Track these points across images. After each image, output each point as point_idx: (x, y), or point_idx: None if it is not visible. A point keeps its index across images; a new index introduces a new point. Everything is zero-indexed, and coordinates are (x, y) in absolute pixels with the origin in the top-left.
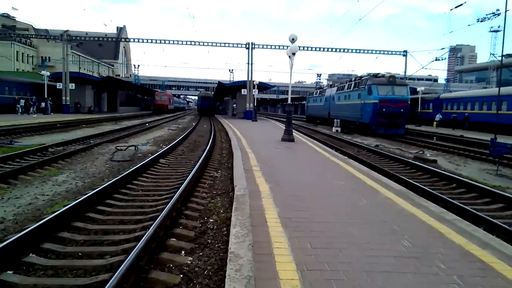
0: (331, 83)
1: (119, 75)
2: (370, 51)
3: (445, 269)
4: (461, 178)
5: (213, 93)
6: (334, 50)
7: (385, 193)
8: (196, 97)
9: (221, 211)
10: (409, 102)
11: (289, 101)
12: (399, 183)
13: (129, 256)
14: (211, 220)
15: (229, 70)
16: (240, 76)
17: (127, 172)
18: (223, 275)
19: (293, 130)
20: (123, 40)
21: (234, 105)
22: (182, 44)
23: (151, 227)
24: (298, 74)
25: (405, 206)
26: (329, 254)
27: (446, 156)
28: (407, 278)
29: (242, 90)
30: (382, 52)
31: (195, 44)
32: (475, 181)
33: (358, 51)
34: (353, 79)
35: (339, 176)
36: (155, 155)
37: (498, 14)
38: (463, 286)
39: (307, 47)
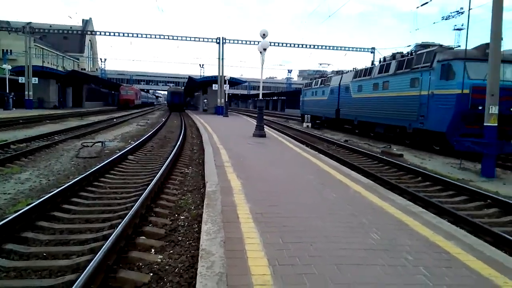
0: (336, 70)
1: (85, 69)
2: (339, 48)
3: (412, 260)
4: (426, 172)
5: (183, 88)
6: (304, 46)
7: (354, 187)
8: (166, 92)
9: (192, 208)
10: None
11: (260, 97)
12: (367, 177)
13: (97, 256)
14: (182, 217)
15: (200, 65)
16: (211, 71)
17: (94, 169)
18: (195, 272)
19: (265, 126)
20: (89, 33)
21: (205, 100)
22: (150, 37)
23: (120, 226)
24: (270, 70)
25: (373, 199)
26: (301, 248)
27: (412, 151)
28: (376, 270)
29: (213, 85)
30: (351, 48)
31: (164, 38)
32: (439, 175)
33: (328, 47)
34: (396, 56)
35: (310, 171)
36: (123, 152)
37: (462, 13)
38: (430, 277)
39: (278, 43)
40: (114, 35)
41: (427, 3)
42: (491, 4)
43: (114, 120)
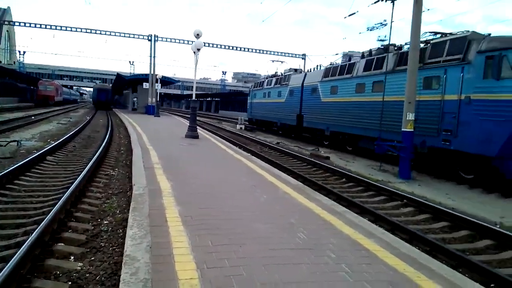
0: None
1: (0, 62)
2: (272, 52)
3: (335, 258)
4: (350, 173)
5: (111, 85)
6: (239, 49)
7: (284, 189)
8: (92, 89)
9: (117, 211)
10: None
11: (193, 97)
12: (296, 178)
13: (8, 265)
14: (105, 222)
15: (130, 62)
16: (142, 68)
17: (7, 170)
18: (118, 279)
19: (197, 127)
20: (6, 23)
21: (135, 99)
22: (76, 31)
23: (35, 232)
24: (204, 71)
25: (301, 200)
26: (230, 251)
27: (338, 153)
28: (301, 269)
29: (144, 83)
30: (283, 54)
31: (91, 32)
32: (362, 176)
33: (262, 51)
34: (388, 48)
35: (242, 173)
36: (41, 152)
37: (385, 25)
38: (351, 273)
39: (212, 44)
40: (35, 26)
41: (354, 14)
42: (411, 18)
43: (33, 117)
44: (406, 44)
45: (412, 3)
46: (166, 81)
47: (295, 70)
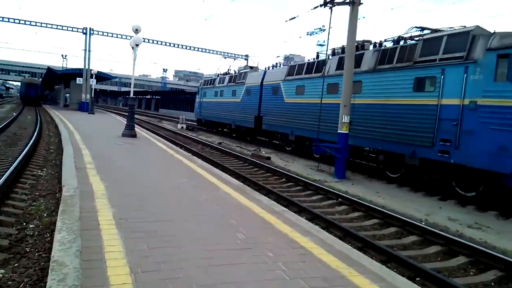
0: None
1: None
2: (215, 52)
3: (273, 257)
4: (290, 173)
5: (41, 80)
6: (180, 46)
7: (224, 189)
8: (19, 84)
9: (45, 214)
10: None
11: (131, 95)
12: (237, 178)
13: None
14: (31, 226)
15: (63, 55)
16: (76, 63)
17: None
18: (44, 286)
19: (136, 125)
20: None
21: (67, 94)
22: (2, 21)
23: None
24: (143, 67)
25: (242, 200)
26: (167, 253)
27: (279, 154)
28: (240, 269)
29: (78, 78)
30: (226, 53)
31: (19, 23)
32: (300, 176)
33: (204, 50)
34: (363, 45)
35: (182, 173)
36: None
37: (324, 30)
38: (287, 271)
39: (153, 40)
40: None
41: (294, 18)
42: (347, 25)
43: None
44: (386, 40)
45: (348, 10)
46: (102, 77)
47: (251, 67)
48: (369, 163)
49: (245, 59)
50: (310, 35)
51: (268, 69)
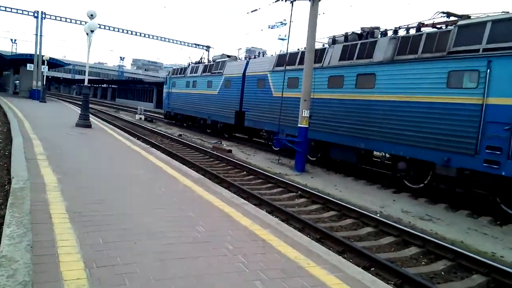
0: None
1: None
2: (175, 41)
3: (233, 249)
4: (250, 166)
5: None
6: (138, 34)
7: (184, 182)
8: None
9: None
10: None
11: (86, 83)
12: (198, 171)
13: None
14: None
15: (12, 40)
16: (26, 48)
17: None
18: None
19: (91, 115)
20: None
21: (17, 81)
22: None
23: None
24: (99, 55)
25: (201, 193)
26: (123, 247)
27: (240, 147)
28: (199, 262)
29: (28, 64)
30: (187, 44)
31: None
32: (261, 169)
33: (163, 39)
34: (370, 33)
35: (139, 165)
36: None
37: (285, 24)
38: (247, 263)
39: (109, 27)
40: None
41: (256, 10)
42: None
43: None
44: (400, 28)
45: (309, 5)
46: (54, 64)
47: (228, 56)
48: (379, 170)
49: (206, 50)
50: (272, 28)
51: (252, 58)
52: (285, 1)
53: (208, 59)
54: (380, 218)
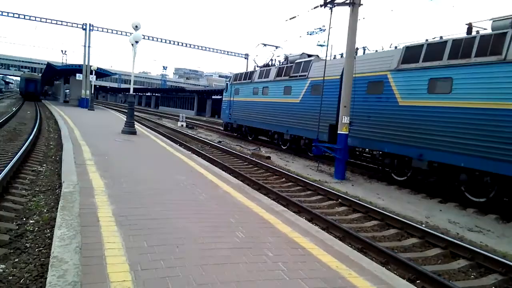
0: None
1: None
2: (215, 50)
3: (272, 256)
4: (289, 173)
5: (40, 75)
6: (180, 44)
7: (224, 187)
8: (19, 78)
9: (45, 210)
10: None
11: (131, 92)
12: (237, 177)
13: None
14: (31, 221)
15: (62, 51)
16: (75, 58)
17: None
18: (44, 282)
19: (135, 123)
20: None
21: (67, 90)
22: (1, 15)
23: None
24: (143, 64)
25: (241, 199)
26: (166, 251)
27: (279, 153)
28: (239, 268)
29: (77, 74)
30: (226, 52)
31: (19, 17)
32: (300, 176)
33: (204, 48)
34: None
35: (181, 171)
36: None
37: (324, 30)
38: (287, 271)
39: (152, 37)
40: None
41: (294, 17)
42: (347, 25)
43: None
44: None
45: (349, 11)
46: (102, 73)
47: (309, 56)
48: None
49: (245, 58)
50: (311, 34)
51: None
52: (324, 7)
53: (278, 61)
54: (426, 229)
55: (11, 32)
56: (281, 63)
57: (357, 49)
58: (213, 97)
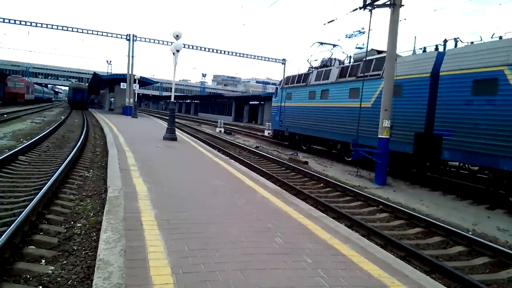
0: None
1: None
2: (252, 56)
3: (312, 263)
4: (328, 178)
5: (87, 84)
6: (218, 51)
7: (262, 193)
8: (67, 88)
9: (91, 214)
10: None
11: (172, 99)
12: (275, 183)
13: None
14: (78, 225)
15: (107, 61)
16: (119, 68)
17: None
18: (90, 284)
19: (176, 129)
20: None
21: (112, 99)
22: (51, 28)
23: (4, 234)
24: (183, 72)
25: (279, 204)
26: (206, 255)
27: (316, 158)
28: (278, 274)
29: (122, 83)
30: (263, 58)
31: (67, 30)
32: (339, 181)
33: (241, 55)
34: None
35: (220, 176)
36: (13, 151)
37: (363, 32)
38: (327, 278)
39: (192, 46)
40: (9, 22)
41: (332, 21)
42: (387, 27)
43: (5, 116)
44: None
45: (389, 12)
46: (144, 82)
47: (379, 52)
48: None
49: (282, 63)
50: (349, 37)
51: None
52: (364, 9)
53: (338, 60)
54: (473, 236)
55: (60, 44)
56: (341, 63)
57: (446, 40)
58: (250, 102)
